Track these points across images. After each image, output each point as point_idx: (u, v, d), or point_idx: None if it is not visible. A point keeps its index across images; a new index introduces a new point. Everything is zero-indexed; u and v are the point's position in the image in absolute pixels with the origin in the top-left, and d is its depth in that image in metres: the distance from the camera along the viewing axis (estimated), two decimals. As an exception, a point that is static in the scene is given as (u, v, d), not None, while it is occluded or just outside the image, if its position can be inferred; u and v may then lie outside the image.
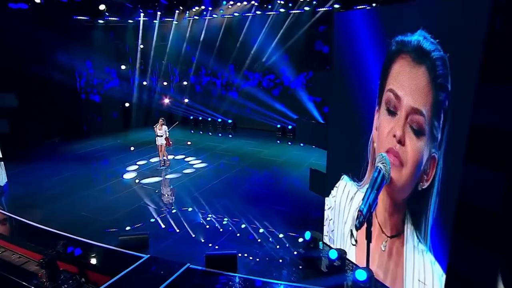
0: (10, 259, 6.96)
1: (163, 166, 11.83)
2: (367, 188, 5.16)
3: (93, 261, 6.71)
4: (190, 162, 12.59)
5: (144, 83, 18.29)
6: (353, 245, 5.41)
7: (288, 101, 15.88)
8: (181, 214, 8.55)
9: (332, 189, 6.24)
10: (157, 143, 11.62)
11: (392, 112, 4.56)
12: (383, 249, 4.58)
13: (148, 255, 6.55)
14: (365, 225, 5.32)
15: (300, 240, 7.05)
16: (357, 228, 5.63)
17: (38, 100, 14.60)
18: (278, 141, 15.98)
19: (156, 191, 10.09)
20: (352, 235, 5.60)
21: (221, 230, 7.75)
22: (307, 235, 6.53)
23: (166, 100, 18.67)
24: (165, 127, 11.42)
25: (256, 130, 17.38)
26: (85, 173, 11.65)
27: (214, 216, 8.37)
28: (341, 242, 6.06)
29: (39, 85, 14.31)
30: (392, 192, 4.69)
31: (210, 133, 17.82)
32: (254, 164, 12.54)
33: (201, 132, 18.06)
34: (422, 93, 4.09)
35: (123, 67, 17.77)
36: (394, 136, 4.53)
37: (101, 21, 16.58)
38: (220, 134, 17.61)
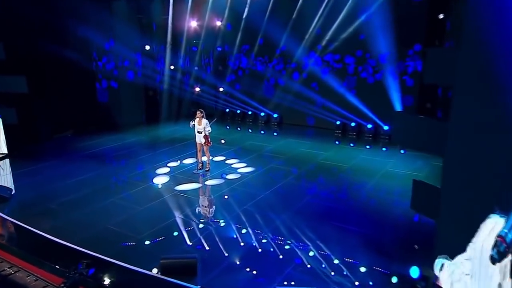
0: (25, 282, 6.60)
1: (200, 169, 11.30)
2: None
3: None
4: (232, 166, 12.02)
5: (172, 67, 17.96)
6: None
7: (357, 91, 15.28)
8: (231, 234, 7.94)
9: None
10: (196, 140, 11.07)
11: None
12: None
13: (198, 287, 6.03)
14: (510, 256, 4.47)
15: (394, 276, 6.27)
16: (496, 260, 4.68)
17: (50, 85, 14.53)
18: (337, 142, 15.23)
19: (193, 198, 9.61)
20: None
21: (285, 258, 7.04)
22: (414, 271, 5.74)
23: (197, 89, 18.30)
24: (205, 121, 10.79)
25: (306, 127, 16.88)
26: (106, 175, 11.38)
27: (274, 239, 7.69)
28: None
29: (50, 67, 14.27)
30: None
31: (250, 130, 17.27)
32: (313, 170, 11.87)
33: (239, 129, 17.53)
34: None
35: (147, 47, 17.48)
36: None
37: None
38: (262, 132, 17.03)
